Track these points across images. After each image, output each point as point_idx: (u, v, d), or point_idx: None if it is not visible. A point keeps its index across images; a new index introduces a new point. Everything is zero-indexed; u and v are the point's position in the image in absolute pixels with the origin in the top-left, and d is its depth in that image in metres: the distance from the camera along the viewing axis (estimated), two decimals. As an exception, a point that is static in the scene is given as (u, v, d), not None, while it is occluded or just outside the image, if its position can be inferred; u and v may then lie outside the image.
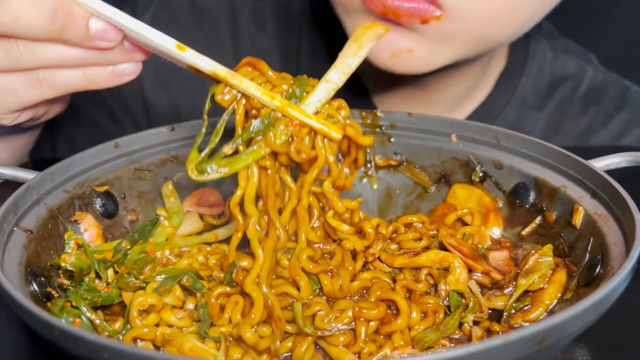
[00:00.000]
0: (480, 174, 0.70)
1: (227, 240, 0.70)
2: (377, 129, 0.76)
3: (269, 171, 0.57)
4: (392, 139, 0.75)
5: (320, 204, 0.62)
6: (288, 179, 0.59)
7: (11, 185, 0.62)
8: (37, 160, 1.05)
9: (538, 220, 0.66)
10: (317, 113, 0.57)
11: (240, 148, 0.56)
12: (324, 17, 0.91)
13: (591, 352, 0.56)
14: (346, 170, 0.61)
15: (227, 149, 0.56)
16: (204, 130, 0.57)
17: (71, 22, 0.56)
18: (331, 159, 0.58)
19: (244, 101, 0.56)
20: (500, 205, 0.69)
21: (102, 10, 0.56)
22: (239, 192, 0.57)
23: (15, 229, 0.57)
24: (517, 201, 0.68)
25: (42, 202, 0.61)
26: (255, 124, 0.55)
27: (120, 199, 0.69)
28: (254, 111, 0.56)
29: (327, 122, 0.56)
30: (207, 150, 0.56)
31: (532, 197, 0.67)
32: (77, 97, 0.75)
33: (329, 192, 0.61)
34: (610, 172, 0.61)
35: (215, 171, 0.55)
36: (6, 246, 0.55)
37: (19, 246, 0.56)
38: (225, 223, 0.73)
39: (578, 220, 0.61)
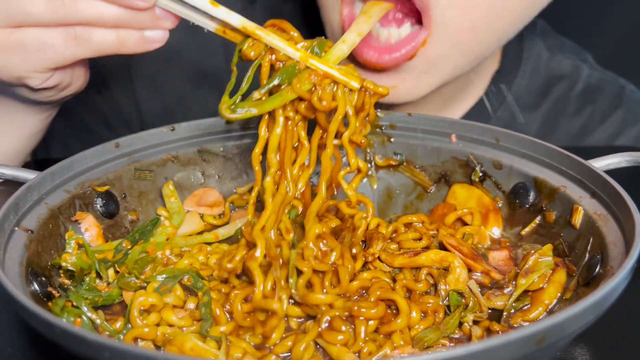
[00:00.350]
0: (480, 174, 0.71)
1: (227, 240, 0.70)
2: (377, 129, 0.76)
3: (289, 122, 0.60)
4: (392, 139, 0.75)
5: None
6: (302, 134, 0.62)
7: (12, 185, 0.63)
8: (38, 160, 1.05)
9: (538, 220, 0.66)
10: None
11: (264, 99, 0.60)
12: (316, 20, 0.92)
13: (591, 352, 0.56)
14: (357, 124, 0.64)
15: (256, 94, 0.59)
16: (233, 80, 0.60)
17: None
18: (350, 111, 0.61)
19: (271, 56, 0.60)
20: (500, 205, 0.69)
21: None
22: (258, 144, 0.61)
23: (16, 228, 0.57)
24: (517, 201, 0.68)
25: (43, 202, 0.61)
26: (281, 72, 0.59)
27: (121, 198, 0.69)
28: (278, 64, 0.60)
29: (346, 74, 0.60)
30: (238, 94, 0.59)
31: (531, 197, 0.67)
32: (71, 102, 0.76)
33: (347, 144, 0.63)
34: (609, 172, 0.61)
35: (246, 110, 0.58)
36: (7, 246, 0.55)
37: (20, 246, 0.56)
38: (226, 223, 0.73)
39: (578, 220, 0.61)
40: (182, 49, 1.01)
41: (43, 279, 0.56)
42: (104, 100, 1.06)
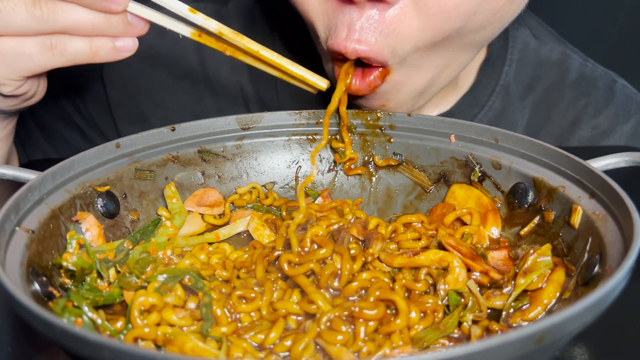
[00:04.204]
0: (479, 174, 0.71)
1: (228, 241, 0.71)
2: (377, 130, 0.76)
3: None
4: (391, 140, 0.75)
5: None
6: None
7: (13, 185, 0.63)
8: (38, 160, 1.06)
9: (536, 220, 0.66)
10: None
11: None
12: (289, 17, 0.92)
13: (589, 351, 0.56)
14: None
15: None
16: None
17: None
18: None
19: None
20: (499, 205, 0.69)
21: None
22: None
23: (17, 228, 0.57)
24: (516, 201, 0.68)
25: (44, 202, 0.61)
26: None
27: (122, 198, 0.69)
28: None
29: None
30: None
31: (530, 197, 0.67)
32: (46, 114, 0.76)
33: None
34: (608, 172, 0.61)
35: None
36: (8, 246, 0.55)
37: (21, 246, 0.56)
38: (226, 223, 0.73)
39: (576, 220, 0.61)
40: (154, 54, 1.01)
41: (44, 278, 0.56)
42: (77, 112, 1.06)
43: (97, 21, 0.63)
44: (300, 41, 0.88)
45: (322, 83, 0.72)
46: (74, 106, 1.06)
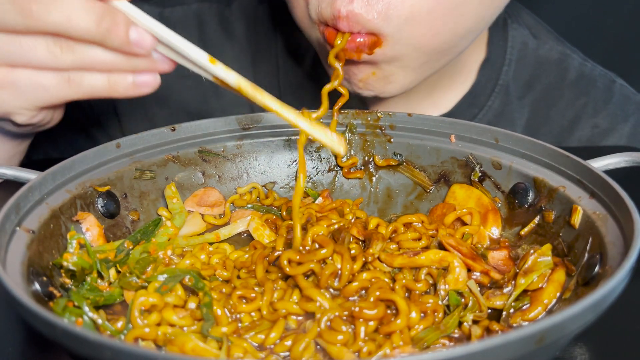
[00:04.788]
0: (480, 174, 0.71)
1: (228, 241, 0.71)
2: (377, 130, 0.76)
3: None
4: (392, 140, 0.75)
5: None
6: None
7: (13, 185, 0.63)
8: (39, 160, 1.06)
9: (537, 220, 0.66)
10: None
11: None
12: (290, 19, 0.92)
13: (590, 351, 0.56)
14: None
15: None
16: None
17: (114, 28, 0.59)
18: None
19: None
20: (499, 205, 0.69)
21: (142, 20, 0.61)
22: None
23: (18, 228, 0.57)
24: (516, 201, 0.68)
25: (44, 202, 0.61)
26: None
27: (122, 198, 0.69)
28: None
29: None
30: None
31: (531, 197, 0.67)
32: None
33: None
34: (608, 172, 0.61)
35: None
36: (8, 246, 0.55)
37: (21, 246, 0.56)
38: (226, 223, 0.73)
39: (577, 220, 0.61)
40: None
41: (44, 278, 0.56)
42: (82, 112, 1.06)
43: (117, 60, 0.62)
44: (302, 41, 0.88)
45: (339, 148, 0.66)
46: (78, 104, 1.06)
